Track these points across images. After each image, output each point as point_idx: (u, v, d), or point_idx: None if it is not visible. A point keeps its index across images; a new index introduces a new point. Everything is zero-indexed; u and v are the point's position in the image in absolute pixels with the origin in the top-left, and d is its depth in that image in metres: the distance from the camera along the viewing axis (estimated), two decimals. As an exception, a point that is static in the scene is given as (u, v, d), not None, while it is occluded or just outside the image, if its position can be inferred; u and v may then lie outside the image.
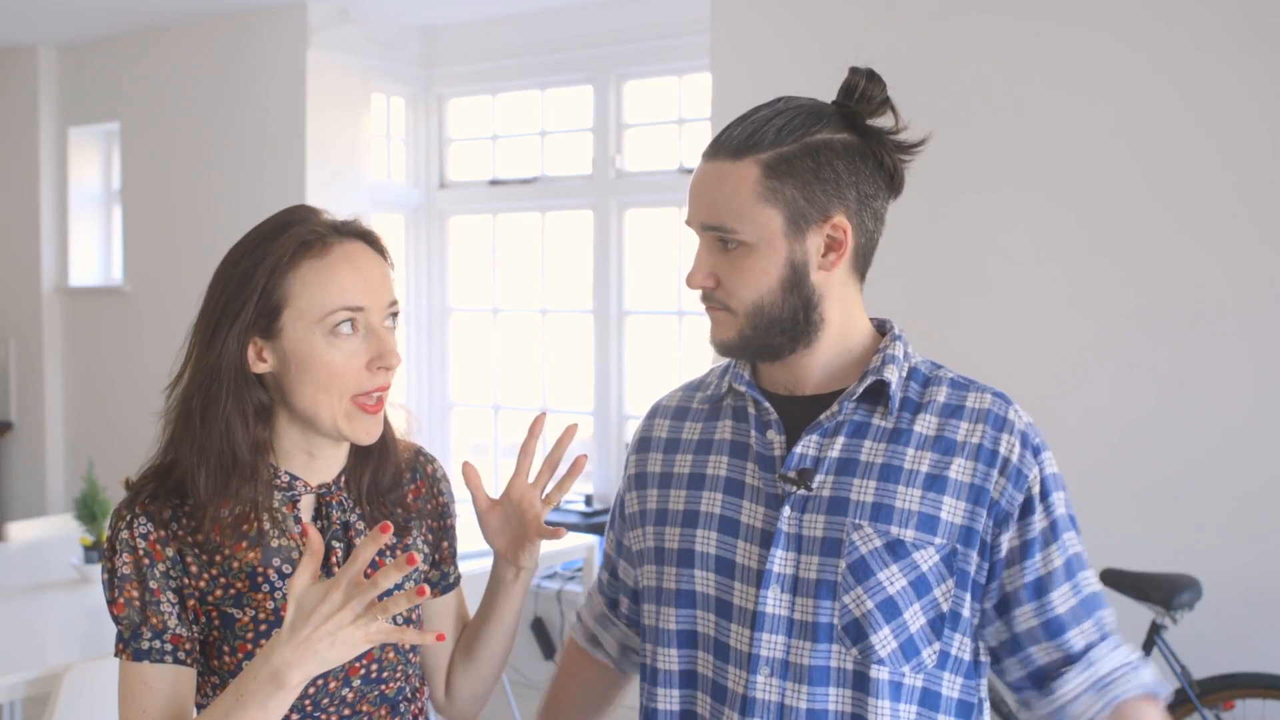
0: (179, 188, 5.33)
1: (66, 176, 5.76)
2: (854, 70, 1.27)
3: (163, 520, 1.26)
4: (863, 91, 1.25)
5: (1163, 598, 2.88)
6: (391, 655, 1.31)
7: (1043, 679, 1.26)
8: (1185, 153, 3.16)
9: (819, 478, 1.25)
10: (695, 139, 4.61)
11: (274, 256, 1.24)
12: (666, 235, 4.76)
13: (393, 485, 1.36)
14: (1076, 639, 1.25)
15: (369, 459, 1.33)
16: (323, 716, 1.28)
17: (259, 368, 1.26)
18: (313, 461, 1.31)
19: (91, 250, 5.87)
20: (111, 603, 1.25)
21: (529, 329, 5.11)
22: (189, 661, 1.25)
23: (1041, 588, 1.24)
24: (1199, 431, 3.14)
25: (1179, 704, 2.92)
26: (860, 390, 1.26)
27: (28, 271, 5.81)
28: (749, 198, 1.23)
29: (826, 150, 1.23)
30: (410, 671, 1.36)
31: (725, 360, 1.39)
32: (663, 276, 4.76)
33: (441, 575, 1.43)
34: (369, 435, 1.27)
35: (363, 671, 1.29)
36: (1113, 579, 2.95)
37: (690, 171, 4.56)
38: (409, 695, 1.37)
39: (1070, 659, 1.25)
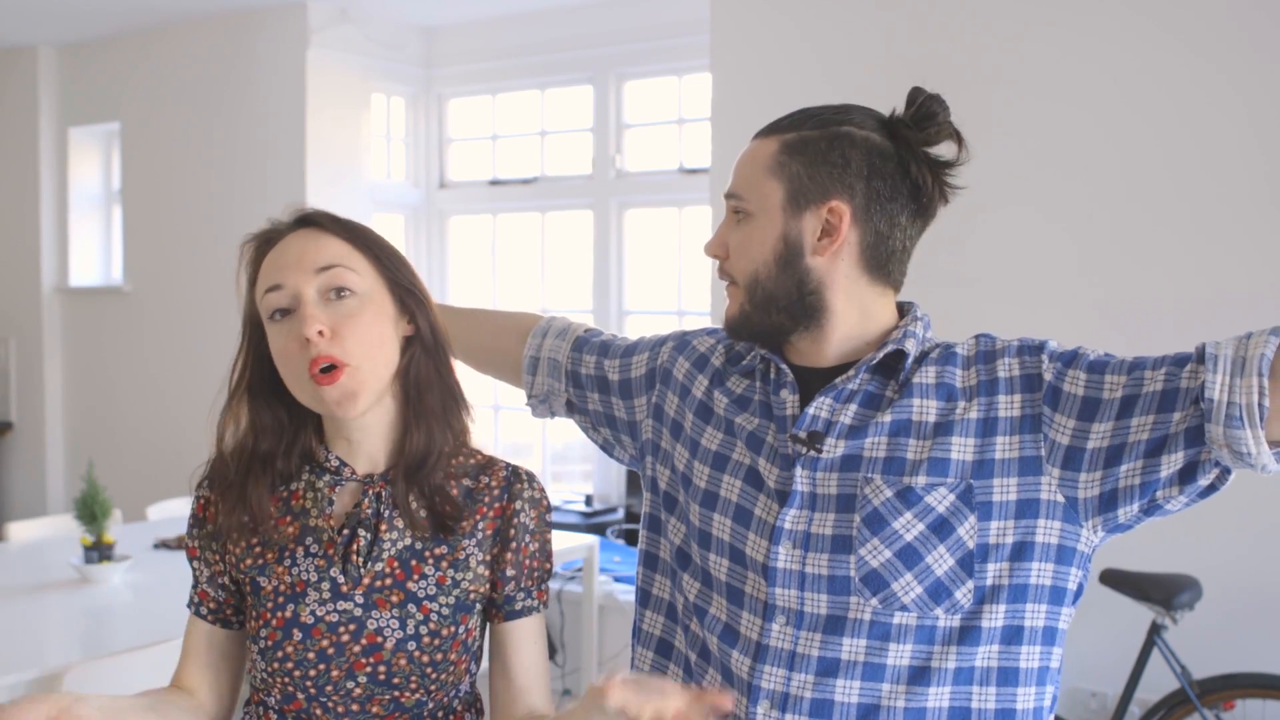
0: (179, 188, 5.33)
1: (66, 176, 5.76)
2: (916, 89, 1.30)
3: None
4: (920, 107, 1.28)
5: (1163, 598, 2.88)
6: (403, 663, 1.28)
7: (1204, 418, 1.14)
8: (1170, 158, 3.16)
9: (831, 440, 1.26)
10: (695, 139, 4.61)
11: (245, 276, 1.32)
12: (666, 235, 4.77)
13: (418, 474, 1.32)
14: (1178, 370, 1.15)
15: (401, 450, 1.32)
16: (328, 703, 1.28)
17: None
18: (352, 447, 1.32)
19: (92, 250, 5.87)
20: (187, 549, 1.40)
21: (529, 329, 5.10)
22: (210, 619, 1.35)
23: (1130, 403, 1.16)
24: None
25: (1179, 704, 2.92)
26: (879, 357, 1.27)
27: (28, 271, 5.81)
28: (760, 170, 1.29)
29: (844, 139, 1.27)
30: (433, 688, 1.30)
31: None
32: (663, 276, 4.76)
33: (505, 598, 1.35)
34: (340, 407, 1.25)
35: (368, 669, 1.27)
36: (1113, 579, 2.95)
37: (692, 172, 4.57)
38: (435, 714, 1.32)
39: (1193, 380, 1.14)
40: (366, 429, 1.31)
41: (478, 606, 1.34)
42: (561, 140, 5.04)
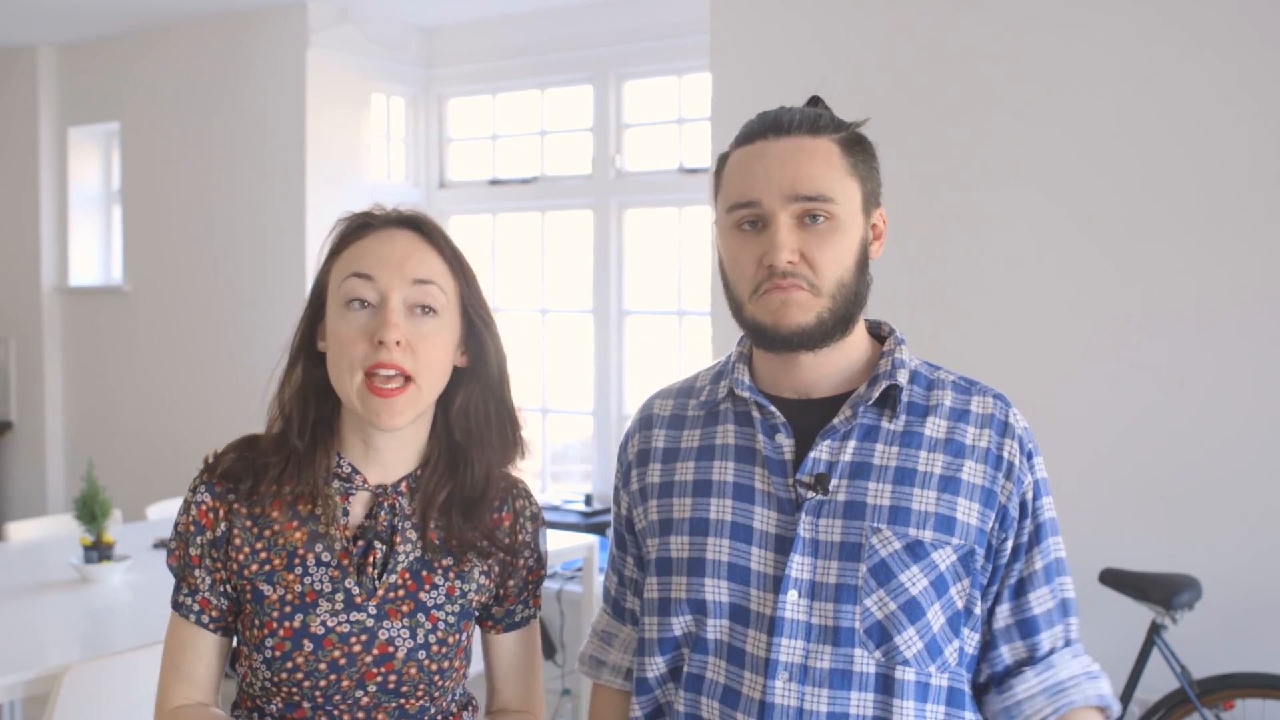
0: (179, 188, 5.33)
1: (66, 176, 5.76)
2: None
3: (222, 493, 1.30)
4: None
5: (1163, 598, 2.88)
6: (413, 671, 1.29)
7: (1002, 677, 1.29)
8: (1184, 152, 3.16)
9: (833, 482, 1.24)
10: (695, 139, 4.61)
11: (329, 246, 1.31)
12: (666, 235, 4.76)
13: (467, 511, 1.32)
14: (1045, 641, 1.27)
15: (451, 476, 1.33)
16: (335, 712, 1.28)
17: (321, 348, 1.30)
18: (370, 454, 1.32)
19: (91, 250, 5.87)
20: (168, 554, 1.35)
21: (529, 329, 5.11)
22: (212, 628, 1.32)
23: (1022, 589, 1.27)
24: (1199, 430, 3.14)
25: (1179, 704, 2.92)
26: (875, 395, 1.25)
27: (28, 271, 5.81)
28: (839, 171, 1.23)
29: (869, 144, 1.29)
30: (437, 694, 1.32)
31: (715, 364, 1.40)
32: (663, 276, 4.76)
33: (506, 612, 1.41)
34: (383, 420, 1.24)
35: (379, 678, 1.28)
36: (1113, 579, 2.95)
37: (692, 172, 4.56)
38: (435, 718, 1.33)
39: (1032, 660, 1.27)
40: (391, 440, 1.31)
41: (476, 614, 1.37)
42: (561, 140, 5.04)
